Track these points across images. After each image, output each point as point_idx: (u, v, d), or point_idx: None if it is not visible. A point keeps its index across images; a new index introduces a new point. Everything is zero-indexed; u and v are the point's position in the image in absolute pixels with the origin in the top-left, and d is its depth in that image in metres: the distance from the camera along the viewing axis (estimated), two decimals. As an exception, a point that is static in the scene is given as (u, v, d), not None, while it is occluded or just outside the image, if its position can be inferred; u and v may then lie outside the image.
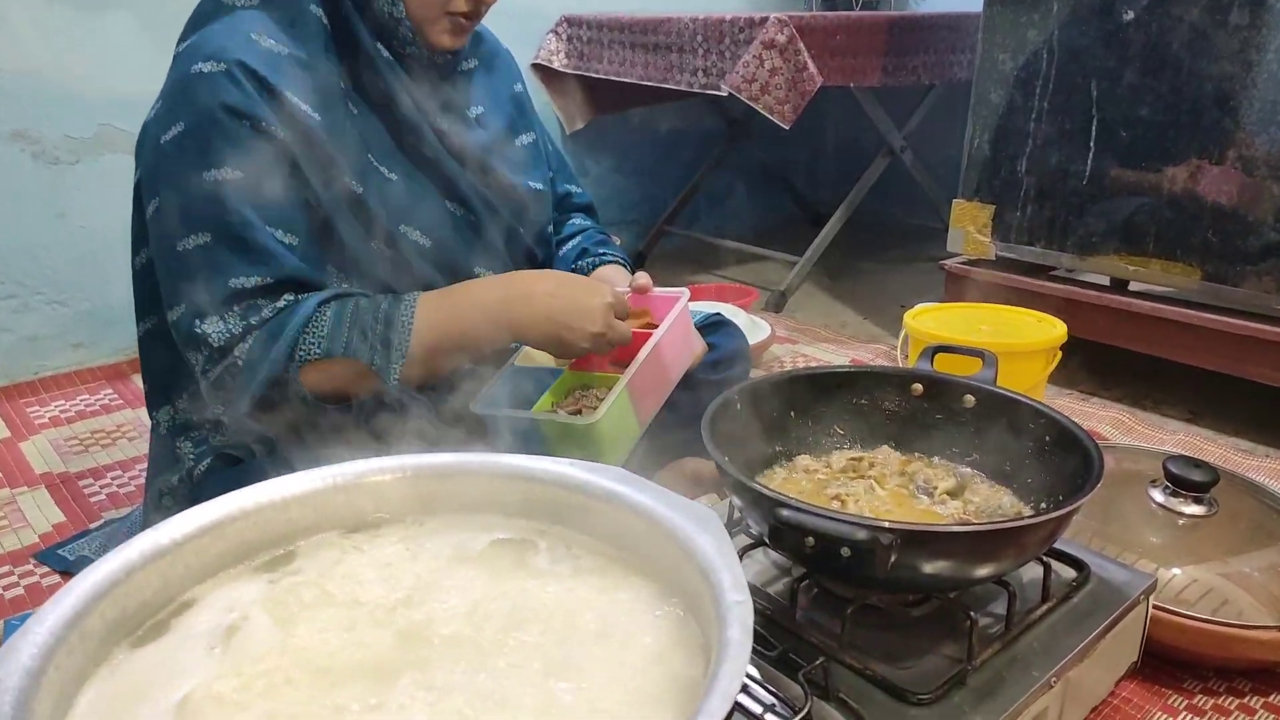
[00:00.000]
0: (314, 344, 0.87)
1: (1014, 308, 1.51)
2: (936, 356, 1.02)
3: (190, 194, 0.87)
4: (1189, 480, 1.02)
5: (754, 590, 0.85)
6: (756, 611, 0.82)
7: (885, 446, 0.98)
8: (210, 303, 0.86)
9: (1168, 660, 0.95)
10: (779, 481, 0.92)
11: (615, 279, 1.19)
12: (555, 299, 0.92)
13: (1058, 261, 1.69)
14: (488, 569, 0.63)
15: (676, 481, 1.13)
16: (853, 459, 0.95)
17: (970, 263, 1.81)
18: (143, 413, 1.61)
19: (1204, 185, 1.50)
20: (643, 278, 1.11)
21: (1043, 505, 0.86)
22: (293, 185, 0.90)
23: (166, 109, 0.90)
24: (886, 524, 0.68)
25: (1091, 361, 1.69)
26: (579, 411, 1.00)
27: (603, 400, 0.97)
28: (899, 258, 2.56)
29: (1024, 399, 0.92)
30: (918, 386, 0.98)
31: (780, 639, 0.76)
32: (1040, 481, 0.88)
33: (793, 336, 1.97)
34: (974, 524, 0.75)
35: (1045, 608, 0.83)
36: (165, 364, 1.00)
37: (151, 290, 0.97)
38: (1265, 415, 1.54)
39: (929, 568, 0.72)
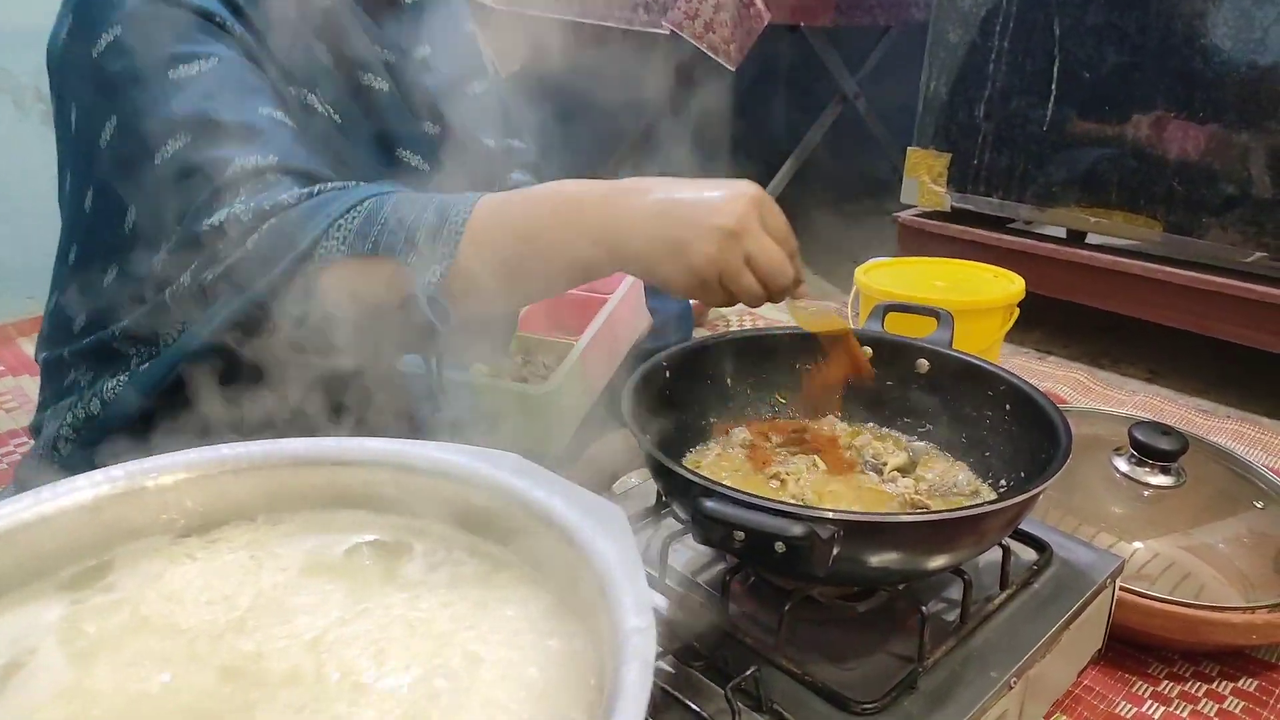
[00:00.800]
0: (338, 239, 0.69)
1: (969, 262, 1.42)
2: (888, 316, 0.92)
3: (151, 97, 0.72)
4: (1156, 449, 0.95)
5: (682, 581, 0.75)
6: (683, 609, 0.72)
7: (831, 417, 0.88)
8: (212, 197, 0.70)
9: (1131, 643, 0.88)
10: (712, 458, 0.82)
11: None
12: (673, 188, 0.67)
13: (1015, 213, 1.61)
14: (347, 581, 0.52)
15: (604, 459, 1.03)
16: (795, 431, 0.86)
17: (925, 215, 1.72)
18: (25, 381, 1.47)
19: (1170, 132, 1.42)
20: None
21: (1003, 483, 0.77)
22: (265, 81, 0.75)
23: (86, 23, 0.74)
24: (829, 514, 0.59)
25: (1048, 319, 1.61)
26: (524, 379, 0.88)
27: (552, 368, 0.86)
28: (853, 210, 2.47)
29: (983, 364, 0.83)
30: (867, 350, 0.88)
31: (709, 643, 0.67)
32: (1001, 455, 0.79)
33: (740, 293, 1.87)
34: (926, 512, 0.65)
35: (1004, 596, 0.74)
36: (101, 297, 0.84)
37: (79, 214, 0.82)
38: (1226, 374, 1.48)
39: (876, 560, 0.63)
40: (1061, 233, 1.61)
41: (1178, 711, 0.83)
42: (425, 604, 0.50)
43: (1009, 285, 1.33)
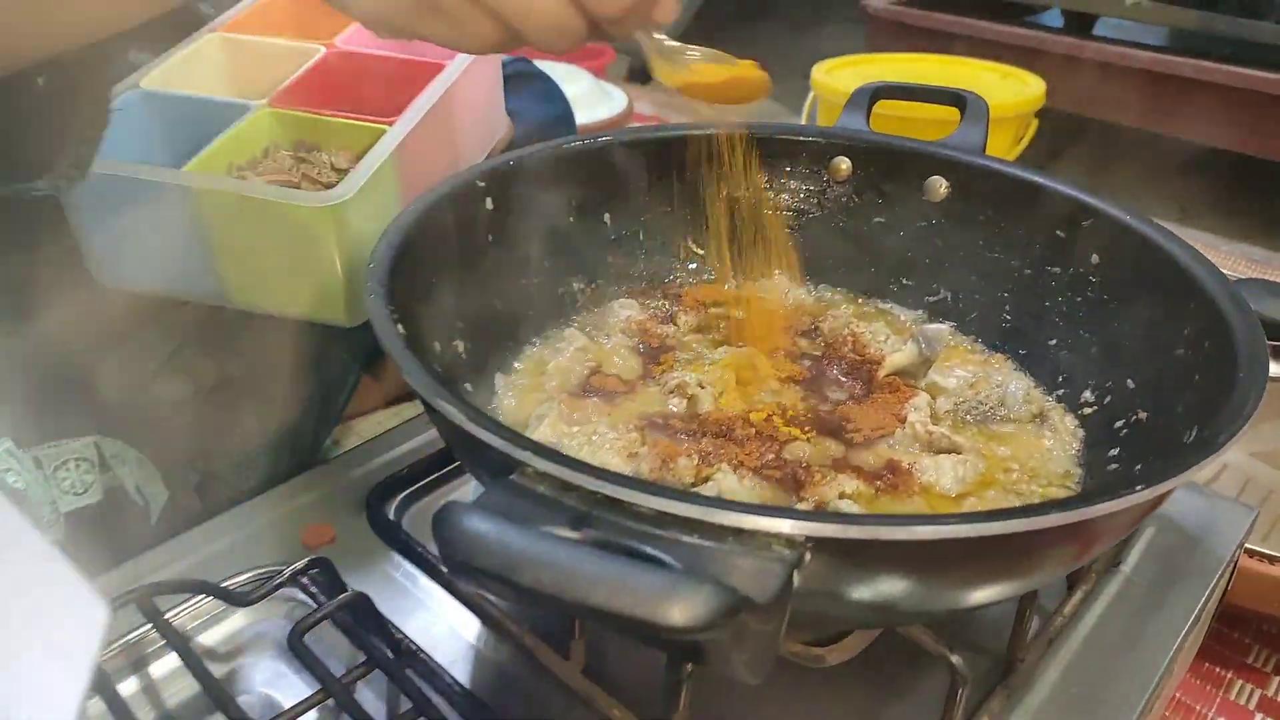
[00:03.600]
0: None
1: (969, 59, 1.04)
2: (877, 107, 0.55)
3: None
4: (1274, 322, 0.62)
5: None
6: (501, 654, 0.38)
7: (781, 276, 0.53)
8: None
9: (1222, 618, 0.58)
10: (569, 358, 0.45)
11: None
12: None
13: (1023, -5, 1.21)
14: None
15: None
16: (719, 302, 0.50)
17: (902, 2, 1.31)
18: None
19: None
20: None
21: (1087, 396, 0.43)
22: None
23: None
24: (785, 526, 0.24)
25: (1045, 138, 1.25)
26: (297, 186, 0.49)
27: (346, 171, 0.47)
28: (808, 15, 2.03)
29: (1048, 182, 0.47)
30: (843, 163, 0.52)
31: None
32: (1077, 344, 0.45)
33: (660, 113, 1.47)
34: (998, 514, 0.28)
35: (1076, 600, 0.42)
36: None
37: None
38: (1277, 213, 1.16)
39: (877, 595, 0.29)
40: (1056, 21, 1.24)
41: (1304, 731, 0.53)
42: None
43: (1024, 88, 0.96)
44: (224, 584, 0.38)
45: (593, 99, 1.24)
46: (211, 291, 0.49)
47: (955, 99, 0.53)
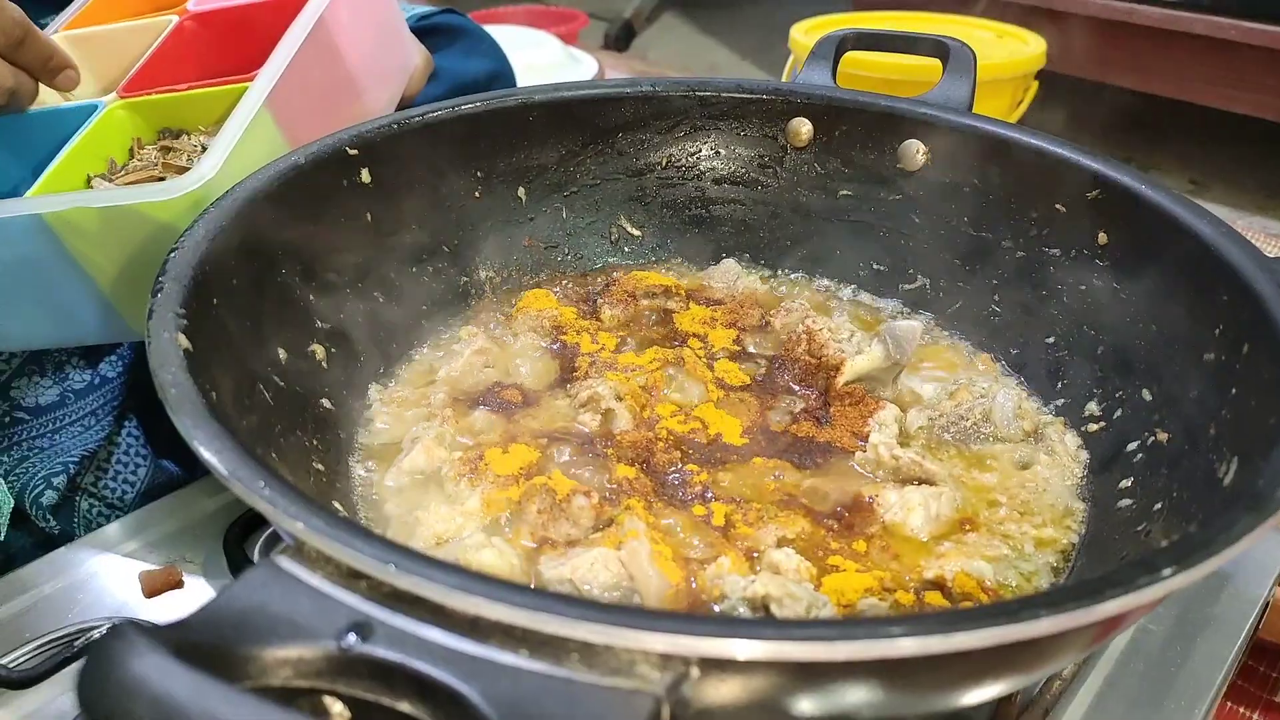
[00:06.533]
0: None
1: (962, 18, 0.95)
2: (846, 58, 0.47)
3: None
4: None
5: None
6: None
7: (730, 261, 0.45)
8: None
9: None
10: (465, 362, 0.37)
11: None
12: None
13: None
14: None
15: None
16: (649, 295, 0.42)
17: (893, -39, 1.22)
18: None
19: None
20: None
21: (1093, 408, 0.35)
22: None
23: None
24: (653, 642, 0.16)
25: (1052, 105, 1.16)
26: (162, 179, 0.40)
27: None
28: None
29: (1053, 147, 0.38)
30: (802, 125, 0.44)
31: None
32: (1079, 343, 0.37)
33: (637, 82, 1.38)
34: (978, 614, 0.21)
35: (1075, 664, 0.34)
36: None
37: None
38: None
39: (806, 711, 0.21)
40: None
41: (1343, 787, 0.46)
42: None
43: (1023, 47, 0.88)
44: (7, 657, 0.30)
45: (562, 65, 1.15)
46: (114, 328, 0.40)
47: (937, 47, 0.45)
